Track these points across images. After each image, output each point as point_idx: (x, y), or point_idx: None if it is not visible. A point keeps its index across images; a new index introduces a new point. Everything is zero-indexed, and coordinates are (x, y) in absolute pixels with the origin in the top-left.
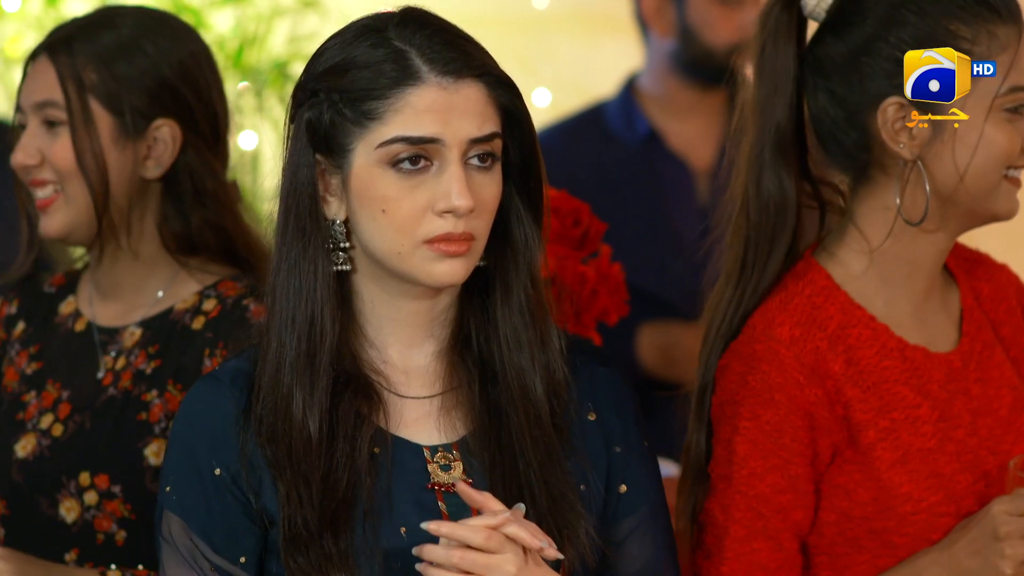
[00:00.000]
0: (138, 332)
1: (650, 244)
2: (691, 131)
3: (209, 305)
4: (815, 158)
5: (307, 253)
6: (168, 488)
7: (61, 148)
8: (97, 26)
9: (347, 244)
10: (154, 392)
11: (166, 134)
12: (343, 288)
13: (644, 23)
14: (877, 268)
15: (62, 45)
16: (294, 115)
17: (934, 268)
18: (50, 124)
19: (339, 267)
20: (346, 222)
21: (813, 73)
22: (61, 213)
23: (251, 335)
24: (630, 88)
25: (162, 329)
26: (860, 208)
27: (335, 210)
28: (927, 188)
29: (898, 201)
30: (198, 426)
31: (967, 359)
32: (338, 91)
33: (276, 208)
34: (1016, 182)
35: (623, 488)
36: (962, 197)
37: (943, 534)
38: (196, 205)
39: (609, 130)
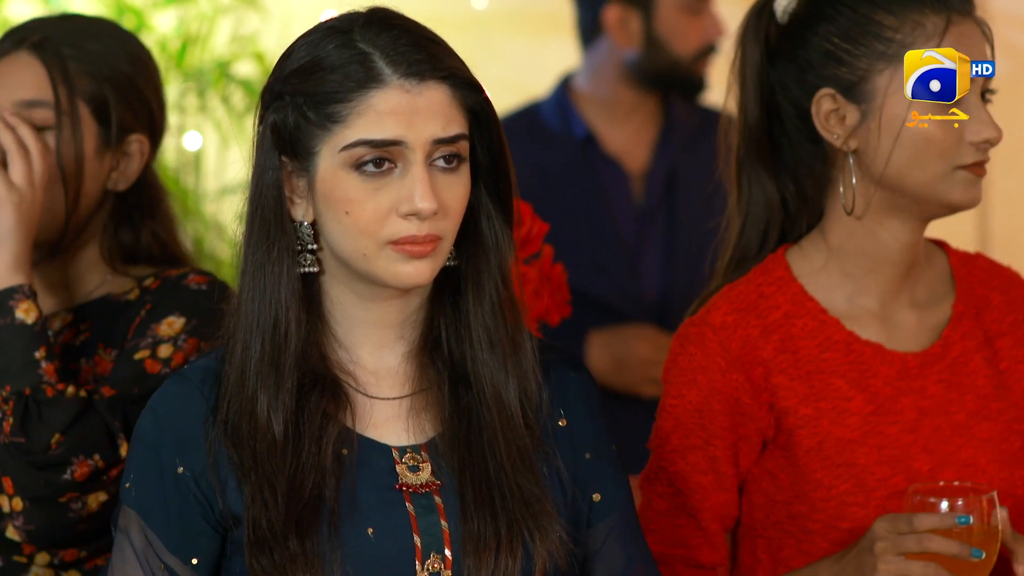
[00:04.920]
0: (70, 316)
1: (589, 246)
2: (627, 134)
3: (148, 283)
4: (792, 157)
5: (272, 255)
6: (128, 484)
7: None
8: (79, 32)
9: (315, 246)
10: (82, 360)
11: (135, 149)
12: (312, 290)
13: (590, 32)
14: (837, 262)
15: (49, 45)
16: (261, 117)
17: (901, 262)
18: (35, 126)
19: (307, 269)
20: (314, 224)
21: (777, 75)
22: None
23: (188, 302)
24: (565, 88)
25: (95, 310)
26: (826, 203)
27: (302, 212)
28: (854, 179)
29: (841, 191)
30: (165, 425)
31: (933, 361)
32: (303, 94)
33: (244, 210)
34: (978, 170)
35: (597, 497)
36: (907, 187)
37: (853, 523)
38: (147, 219)
39: (546, 130)
